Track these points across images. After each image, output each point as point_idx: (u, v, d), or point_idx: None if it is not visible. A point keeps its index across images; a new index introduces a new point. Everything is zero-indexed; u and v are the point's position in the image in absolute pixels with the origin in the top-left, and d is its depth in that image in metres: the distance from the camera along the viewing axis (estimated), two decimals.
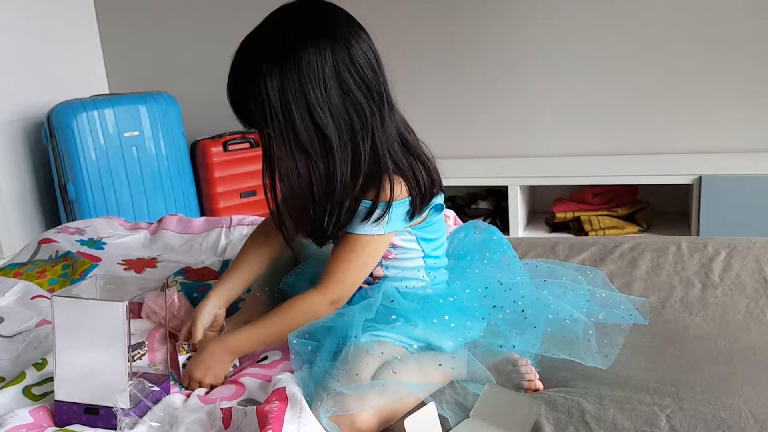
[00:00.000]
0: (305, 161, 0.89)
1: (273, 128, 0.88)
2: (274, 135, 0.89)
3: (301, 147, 0.88)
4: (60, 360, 0.82)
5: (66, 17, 2.68)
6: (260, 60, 0.86)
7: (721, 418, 0.80)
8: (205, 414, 0.81)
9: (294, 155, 0.88)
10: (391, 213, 0.92)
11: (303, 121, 0.86)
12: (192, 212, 2.55)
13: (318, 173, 0.89)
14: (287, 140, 0.88)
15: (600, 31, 2.33)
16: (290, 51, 0.86)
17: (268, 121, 0.87)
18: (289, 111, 0.86)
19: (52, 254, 1.40)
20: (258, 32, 0.91)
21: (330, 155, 0.88)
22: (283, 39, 0.87)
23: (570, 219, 2.30)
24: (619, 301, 1.00)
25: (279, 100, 0.86)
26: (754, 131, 2.27)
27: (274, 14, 0.91)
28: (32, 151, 2.48)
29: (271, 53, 0.86)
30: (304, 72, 0.85)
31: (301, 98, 0.86)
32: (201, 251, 1.46)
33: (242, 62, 0.89)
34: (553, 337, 0.93)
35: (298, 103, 0.86)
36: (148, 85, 2.72)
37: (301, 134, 0.87)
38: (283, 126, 0.87)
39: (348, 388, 0.81)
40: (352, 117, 0.88)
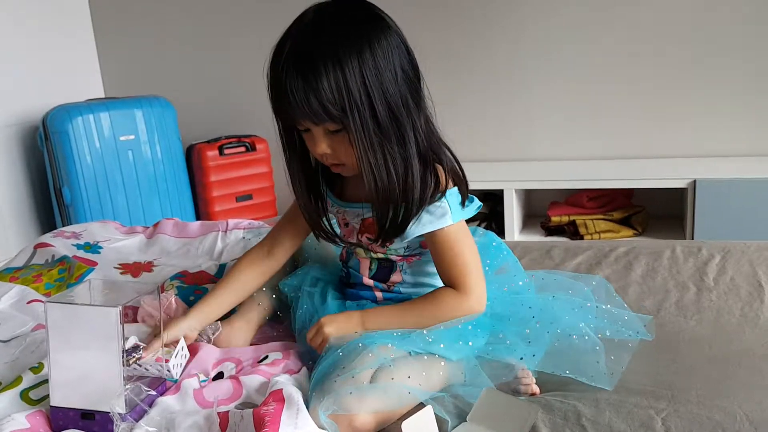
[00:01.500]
0: (383, 152, 0.86)
1: (353, 120, 0.84)
2: (353, 127, 0.84)
3: (380, 137, 0.85)
4: (55, 365, 0.82)
5: (61, 21, 2.68)
6: (335, 51, 0.83)
7: (716, 420, 0.81)
8: (202, 418, 0.81)
9: (374, 147, 0.85)
10: (450, 202, 0.92)
11: (381, 110, 0.85)
12: (188, 216, 2.54)
13: (396, 164, 0.87)
14: (367, 131, 0.85)
15: (595, 36, 2.35)
16: (363, 40, 0.84)
17: (349, 113, 0.83)
18: (370, 101, 0.84)
19: (48, 258, 1.39)
20: (313, 26, 0.86)
21: (403, 145, 0.87)
22: (352, 29, 0.85)
23: (565, 223, 2.31)
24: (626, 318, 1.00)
25: (359, 90, 0.83)
26: (748, 135, 2.28)
27: (321, 8, 0.88)
28: (28, 155, 2.48)
29: (344, 43, 0.84)
30: (379, 60, 0.84)
31: (379, 87, 0.84)
32: (197, 255, 1.46)
33: (310, 55, 0.83)
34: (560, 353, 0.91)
35: (377, 92, 0.84)
36: (143, 89, 2.72)
37: (382, 124, 0.85)
38: (363, 117, 0.84)
39: (348, 388, 0.81)
40: (412, 104, 0.88)
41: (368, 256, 1.01)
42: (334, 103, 0.83)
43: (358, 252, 1.02)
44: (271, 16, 2.60)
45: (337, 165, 0.92)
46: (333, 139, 0.88)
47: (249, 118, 2.72)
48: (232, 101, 2.77)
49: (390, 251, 0.98)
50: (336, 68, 0.83)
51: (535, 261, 1.36)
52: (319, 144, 0.88)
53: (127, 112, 2.41)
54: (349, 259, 1.05)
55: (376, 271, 1.01)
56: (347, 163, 0.91)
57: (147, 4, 2.76)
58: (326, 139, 0.88)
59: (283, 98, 0.85)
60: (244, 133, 2.67)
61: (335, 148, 0.89)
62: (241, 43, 2.68)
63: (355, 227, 0.99)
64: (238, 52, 2.70)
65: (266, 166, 2.63)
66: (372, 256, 1.00)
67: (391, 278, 1.00)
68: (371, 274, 1.01)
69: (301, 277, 1.08)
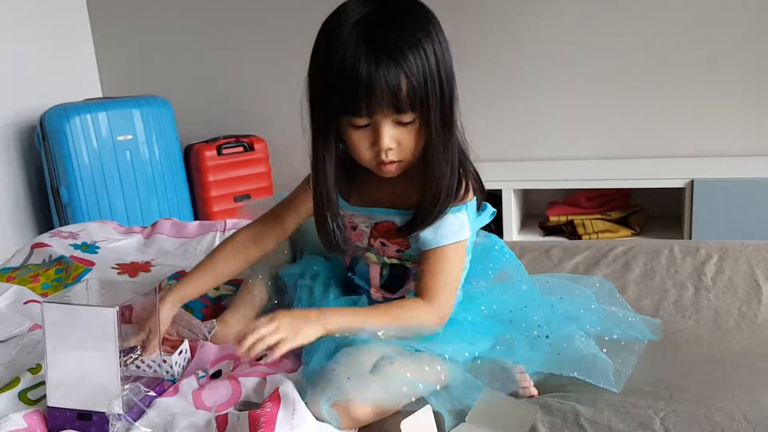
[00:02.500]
0: (448, 143, 0.85)
1: (433, 106, 0.82)
2: (432, 114, 0.82)
3: (449, 126, 0.84)
4: (51, 366, 0.82)
5: (59, 21, 2.67)
6: (414, 36, 0.80)
7: (714, 420, 0.81)
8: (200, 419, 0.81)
9: (443, 136, 0.84)
10: (468, 213, 0.92)
11: (449, 97, 0.83)
12: (186, 216, 2.54)
13: (453, 157, 0.86)
14: (439, 120, 0.83)
15: (593, 37, 2.35)
16: (429, 24, 0.83)
17: (432, 99, 0.81)
18: (442, 87, 0.82)
19: (45, 258, 1.39)
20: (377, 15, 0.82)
21: (452, 134, 0.86)
22: (416, 14, 0.83)
23: (563, 223, 2.31)
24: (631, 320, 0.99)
25: (438, 75, 0.81)
26: (746, 135, 2.29)
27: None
28: (25, 155, 2.47)
29: (418, 27, 0.82)
30: (444, 45, 0.83)
31: (447, 73, 0.83)
32: (195, 255, 1.46)
33: (394, 42, 0.80)
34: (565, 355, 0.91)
35: (448, 78, 0.83)
36: (141, 88, 2.71)
37: (455, 111, 0.84)
38: (440, 103, 0.82)
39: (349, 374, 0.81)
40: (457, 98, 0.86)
41: (380, 261, 0.97)
42: (419, 87, 0.80)
43: (369, 257, 0.98)
44: (269, 15, 2.60)
45: (392, 163, 0.87)
46: (400, 131, 0.84)
47: (247, 117, 2.72)
48: (230, 101, 2.76)
49: (405, 255, 0.96)
50: (419, 50, 0.80)
51: (534, 261, 1.36)
52: (385, 138, 0.83)
53: (124, 112, 2.40)
54: (354, 264, 1.01)
55: (387, 277, 0.97)
56: (406, 157, 0.87)
57: (145, 3, 2.75)
58: (393, 132, 0.84)
59: (367, 86, 0.79)
60: (243, 132, 2.66)
61: (401, 140, 0.85)
62: (240, 43, 2.68)
63: (365, 231, 0.96)
64: (237, 51, 2.70)
65: (264, 166, 2.63)
66: (385, 261, 0.97)
67: (404, 286, 0.97)
68: (382, 282, 0.98)
69: (302, 266, 1.05)
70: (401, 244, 0.95)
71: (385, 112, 0.82)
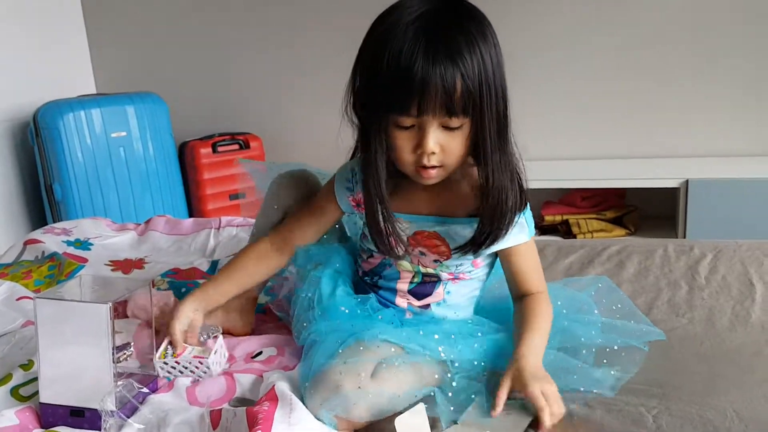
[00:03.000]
0: (504, 150, 0.84)
1: (488, 110, 0.80)
2: (486, 118, 0.80)
3: (503, 134, 0.84)
4: (44, 362, 0.81)
5: (53, 17, 2.66)
6: (472, 38, 0.79)
7: (707, 418, 0.81)
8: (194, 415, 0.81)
9: (496, 144, 0.83)
10: (526, 217, 0.92)
11: (503, 103, 0.83)
12: (180, 214, 2.53)
13: (510, 165, 0.85)
14: (493, 126, 0.81)
15: (588, 37, 2.35)
16: (485, 27, 0.82)
17: (486, 102, 0.80)
18: (496, 92, 0.81)
19: (38, 255, 1.38)
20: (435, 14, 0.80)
21: (507, 142, 0.85)
22: (472, 16, 0.82)
23: (558, 222, 2.31)
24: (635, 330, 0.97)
25: (494, 80, 0.80)
26: (741, 135, 2.30)
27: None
28: (18, 152, 2.45)
29: (476, 30, 0.80)
30: (500, 54, 0.83)
31: (502, 78, 0.82)
32: (189, 252, 1.45)
33: (453, 42, 0.78)
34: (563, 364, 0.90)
35: (501, 83, 0.82)
36: (135, 85, 2.70)
37: (503, 119, 0.83)
38: (494, 108, 0.81)
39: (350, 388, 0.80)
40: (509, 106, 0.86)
41: (413, 270, 0.95)
42: (473, 89, 0.79)
43: (402, 264, 0.95)
44: (264, 12, 2.59)
45: (434, 168, 0.85)
46: (446, 135, 0.82)
47: (243, 115, 2.71)
48: (225, 98, 2.75)
49: (441, 267, 0.94)
50: (477, 56, 0.79)
51: None
52: (429, 140, 0.81)
53: (118, 109, 2.39)
54: (381, 271, 0.98)
55: (417, 285, 0.96)
56: (449, 164, 0.85)
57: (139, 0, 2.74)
58: (438, 135, 0.82)
59: (423, 83, 0.77)
60: (238, 130, 2.66)
61: (445, 145, 0.82)
62: (235, 40, 2.67)
63: (403, 239, 0.92)
64: (232, 48, 2.69)
65: None
66: (419, 269, 0.95)
67: (432, 295, 0.95)
68: (411, 287, 0.96)
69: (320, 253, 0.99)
70: (442, 254, 0.92)
71: (436, 114, 0.80)
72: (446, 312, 0.96)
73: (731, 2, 2.21)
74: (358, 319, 0.91)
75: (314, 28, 2.52)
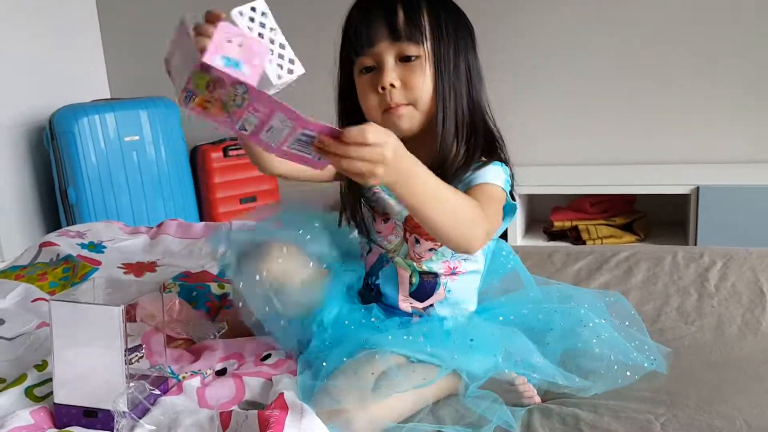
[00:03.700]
0: (465, 85, 0.90)
1: (443, 43, 0.87)
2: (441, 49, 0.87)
3: (465, 73, 0.90)
4: (58, 363, 0.83)
5: (68, 22, 2.70)
6: None
7: (715, 426, 0.81)
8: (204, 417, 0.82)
9: (458, 77, 0.88)
10: (505, 174, 0.92)
11: (466, 51, 0.90)
12: (191, 217, 2.55)
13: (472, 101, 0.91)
14: (451, 61, 0.88)
15: (598, 41, 2.35)
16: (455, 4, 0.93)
17: (441, 33, 0.87)
18: (456, 36, 0.89)
19: (53, 257, 1.40)
20: None
21: (474, 85, 0.91)
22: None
23: (568, 228, 2.31)
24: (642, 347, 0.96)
25: (453, 24, 0.89)
26: (752, 141, 2.28)
27: None
28: (34, 155, 2.49)
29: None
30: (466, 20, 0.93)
31: (464, 39, 0.90)
32: (200, 256, 1.47)
33: None
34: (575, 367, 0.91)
35: (467, 35, 0.91)
36: (148, 90, 2.73)
37: (465, 62, 0.90)
38: (451, 46, 0.88)
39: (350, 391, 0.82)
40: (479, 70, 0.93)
41: (410, 268, 0.95)
42: (417, 18, 0.86)
43: (398, 262, 0.95)
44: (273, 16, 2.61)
45: (401, 106, 0.87)
46: (404, 69, 0.86)
47: None
48: None
49: (437, 256, 0.94)
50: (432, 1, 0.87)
51: (536, 266, 1.36)
52: (388, 74, 0.85)
53: (132, 113, 2.42)
54: (379, 270, 0.97)
55: (417, 286, 0.95)
56: (416, 100, 0.87)
57: (153, 6, 2.78)
58: (397, 69, 0.87)
59: (369, 15, 0.86)
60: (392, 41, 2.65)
61: (405, 79, 0.86)
62: None
63: (398, 224, 0.94)
64: None
65: None
66: (414, 267, 0.95)
67: (433, 297, 0.95)
68: (412, 290, 0.95)
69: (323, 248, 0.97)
70: (436, 240, 0.92)
71: (386, 43, 0.86)
72: (452, 309, 0.96)
73: (745, 7, 2.20)
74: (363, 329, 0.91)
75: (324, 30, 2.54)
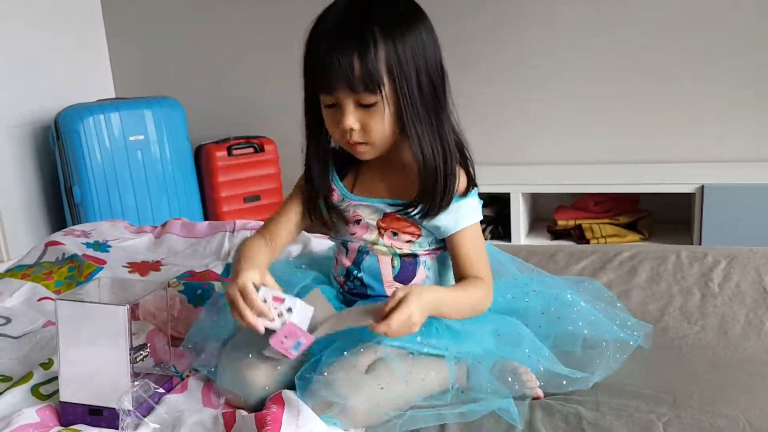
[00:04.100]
0: (430, 125, 0.88)
1: (401, 88, 0.85)
2: (401, 95, 0.86)
3: (426, 111, 0.88)
4: (64, 362, 0.84)
5: (73, 23, 2.71)
6: (386, 19, 0.85)
7: (718, 426, 0.81)
8: (208, 416, 0.82)
9: (420, 118, 0.87)
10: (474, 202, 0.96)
11: (426, 85, 0.87)
12: (196, 216, 2.56)
13: (436, 139, 0.89)
14: (414, 103, 0.86)
15: (603, 40, 2.35)
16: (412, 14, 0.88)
17: (398, 82, 0.85)
18: (417, 74, 0.86)
19: (58, 256, 1.41)
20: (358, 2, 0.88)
21: (441, 125, 0.89)
22: (400, 5, 0.88)
23: (572, 227, 2.30)
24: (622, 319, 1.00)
25: (408, 61, 0.85)
26: (757, 140, 2.27)
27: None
28: (39, 154, 2.51)
29: (395, 14, 0.86)
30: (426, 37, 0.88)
31: (424, 62, 0.87)
32: (204, 255, 1.48)
33: (360, 22, 0.85)
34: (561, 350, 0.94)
35: (423, 66, 0.87)
36: (153, 89, 2.74)
37: (426, 98, 0.88)
38: (411, 87, 0.86)
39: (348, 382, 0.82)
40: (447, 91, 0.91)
41: (391, 253, 0.98)
42: (376, 72, 0.84)
43: (378, 249, 0.98)
44: (280, 17, 2.62)
45: (360, 144, 0.90)
46: (364, 113, 0.87)
47: (258, 119, 2.74)
48: (241, 102, 2.79)
49: (415, 246, 0.97)
50: (387, 37, 0.84)
51: (539, 265, 1.35)
52: (348, 118, 0.87)
53: (136, 113, 2.43)
54: (360, 261, 1.00)
55: (399, 269, 0.98)
56: (374, 141, 0.89)
57: (158, 5, 2.79)
58: (356, 113, 0.87)
59: (326, 63, 0.85)
60: (253, 134, 2.68)
61: (365, 123, 0.88)
62: (251, 45, 2.70)
63: (371, 224, 0.97)
64: (248, 53, 2.72)
65: (274, 167, 2.65)
66: (395, 252, 0.98)
67: (416, 277, 0.98)
68: (395, 273, 0.98)
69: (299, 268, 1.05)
70: (413, 234, 0.96)
71: (344, 92, 0.86)
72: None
73: (749, 7, 2.19)
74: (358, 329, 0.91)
75: None
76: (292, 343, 0.82)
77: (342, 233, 1.01)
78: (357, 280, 1.00)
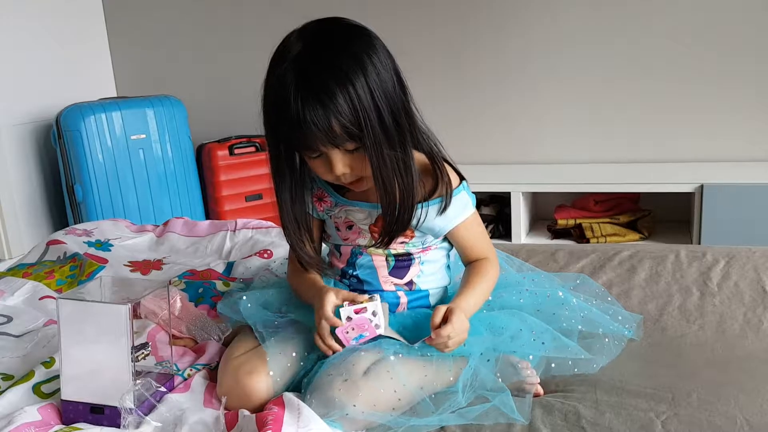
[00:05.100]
0: (392, 160, 0.88)
1: (368, 134, 0.85)
2: (369, 141, 0.85)
3: (388, 147, 0.87)
4: (66, 360, 0.84)
5: (75, 21, 2.72)
6: (340, 71, 0.84)
7: (716, 424, 0.81)
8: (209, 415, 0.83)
9: (384, 157, 0.87)
10: (467, 191, 0.99)
11: (388, 119, 0.87)
12: (197, 215, 2.57)
13: (400, 169, 0.89)
14: (379, 143, 0.86)
15: (603, 39, 2.35)
16: (361, 55, 0.86)
17: (365, 128, 0.84)
18: (379, 112, 0.85)
19: (60, 255, 1.42)
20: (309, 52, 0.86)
21: (404, 149, 0.89)
22: (347, 47, 0.86)
23: (572, 226, 2.31)
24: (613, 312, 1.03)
25: (370, 104, 0.84)
26: (756, 140, 2.27)
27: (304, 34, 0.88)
28: (41, 153, 2.51)
29: (346, 62, 0.84)
30: (380, 70, 0.86)
31: (384, 97, 0.86)
32: (206, 254, 1.48)
33: (319, 81, 0.84)
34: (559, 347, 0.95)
35: (383, 103, 0.86)
36: (155, 88, 2.75)
37: (389, 132, 0.87)
38: (376, 130, 0.85)
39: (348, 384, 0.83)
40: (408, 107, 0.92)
41: (385, 253, 0.99)
42: (352, 123, 0.84)
43: (372, 250, 0.99)
44: (281, 17, 2.62)
45: (355, 181, 0.92)
46: (351, 157, 0.88)
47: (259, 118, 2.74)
48: (242, 101, 2.77)
49: (408, 245, 0.99)
50: (348, 88, 0.83)
51: (539, 264, 1.36)
52: (337, 166, 0.88)
53: (138, 112, 2.44)
54: (354, 260, 1.02)
55: (393, 267, 1.00)
56: (366, 176, 0.91)
57: (159, 4, 2.79)
58: (344, 159, 0.88)
59: (301, 127, 0.84)
60: (255, 133, 2.69)
61: (353, 165, 0.89)
62: (252, 44, 2.70)
63: (363, 228, 0.98)
64: (249, 52, 2.72)
65: None
66: (389, 252, 0.99)
67: (410, 272, 1.00)
68: (390, 269, 1.00)
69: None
70: (406, 235, 0.97)
71: (328, 147, 0.86)
72: (429, 283, 1.02)
73: (749, 6, 2.19)
74: None
75: None
76: (355, 335, 0.89)
77: (334, 238, 1.02)
78: (353, 278, 1.02)
